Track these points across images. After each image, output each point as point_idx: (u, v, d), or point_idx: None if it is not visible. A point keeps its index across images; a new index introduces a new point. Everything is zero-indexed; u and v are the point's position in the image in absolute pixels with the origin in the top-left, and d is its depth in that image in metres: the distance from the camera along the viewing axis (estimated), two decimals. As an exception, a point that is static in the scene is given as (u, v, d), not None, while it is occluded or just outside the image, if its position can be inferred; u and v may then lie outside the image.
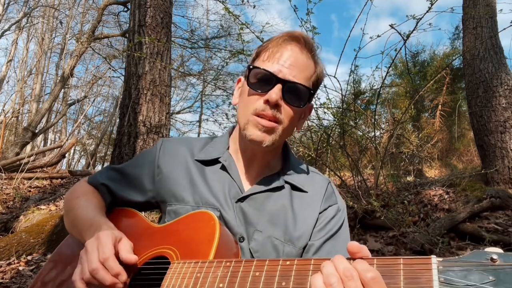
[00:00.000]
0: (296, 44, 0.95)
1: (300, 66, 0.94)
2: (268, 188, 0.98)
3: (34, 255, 3.54)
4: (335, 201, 1.03)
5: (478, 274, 0.55)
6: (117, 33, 11.05)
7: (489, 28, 5.42)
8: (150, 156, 1.08)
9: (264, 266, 0.70)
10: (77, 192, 1.08)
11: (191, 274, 0.77)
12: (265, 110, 0.91)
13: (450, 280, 0.56)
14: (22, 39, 17.83)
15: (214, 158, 1.02)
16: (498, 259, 0.55)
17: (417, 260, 0.59)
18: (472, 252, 0.58)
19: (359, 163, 4.59)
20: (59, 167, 8.55)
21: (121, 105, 5.10)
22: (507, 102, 5.05)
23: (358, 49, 3.56)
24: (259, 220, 0.95)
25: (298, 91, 0.93)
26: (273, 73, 0.91)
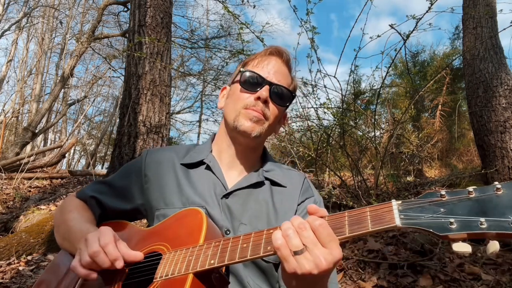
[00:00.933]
0: (279, 57, 1.13)
1: (282, 74, 1.12)
2: (250, 184, 1.08)
3: (34, 255, 3.54)
4: (311, 194, 1.14)
5: (431, 209, 0.67)
6: (117, 33, 11.05)
7: (489, 28, 5.42)
8: (136, 166, 1.15)
9: (250, 238, 0.78)
10: (68, 207, 1.13)
11: (184, 258, 0.82)
12: (256, 106, 1.06)
13: (409, 216, 0.68)
14: (22, 39, 17.84)
15: (198, 161, 1.11)
16: (446, 195, 0.68)
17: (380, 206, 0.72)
18: (425, 193, 0.70)
19: (359, 163, 4.59)
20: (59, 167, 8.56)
21: (121, 105, 5.10)
22: (507, 102, 5.05)
23: (358, 49, 3.56)
24: (243, 214, 1.03)
25: (282, 93, 1.10)
26: (262, 76, 1.08)
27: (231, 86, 1.16)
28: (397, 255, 2.93)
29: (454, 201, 0.66)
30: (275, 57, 1.13)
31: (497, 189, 0.64)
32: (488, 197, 0.64)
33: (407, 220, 0.67)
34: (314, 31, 3.49)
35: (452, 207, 0.66)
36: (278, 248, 0.71)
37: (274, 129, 1.16)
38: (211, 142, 1.20)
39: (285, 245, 0.70)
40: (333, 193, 4.08)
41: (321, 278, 0.71)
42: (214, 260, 0.78)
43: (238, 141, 1.10)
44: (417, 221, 0.66)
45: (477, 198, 0.65)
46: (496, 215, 0.61)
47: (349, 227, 0.72)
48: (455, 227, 0.63)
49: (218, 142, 1.17)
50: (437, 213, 0.66)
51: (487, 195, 0.64)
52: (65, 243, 1.05)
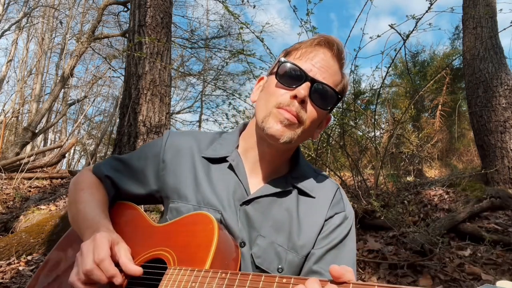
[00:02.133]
0: (329, 49, 0.94)
1: (330, 70, 0.93)
2: (274, 192, 0.95)
3: (34, 255, 3.54)
4: (342, 208, 1.00)
5: None
6: (117, 33, 11.05)
7: (489, 28, 5.42)
8: (155, 149, 1.05)
9: (260, 282, 0.69)
10: (81, 184, 1.06)
11: (186, 283, 0.76)
12: (290, 106, 0.89)
13: None
14: (22, 39, 17.83)
15: (221, 157, 0.99)
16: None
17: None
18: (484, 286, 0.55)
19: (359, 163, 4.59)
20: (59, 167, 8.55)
21: (121, 105, 5.10)
22: (507, 102, 5.05)
23: (358, 49, 3.56)
24: (262, 225, 0.93)
25: (326, 93, 0.92)
26: (304, 70, 0.90)
27: (268, 78, 0.99)
28: (397, 255, 2.93)
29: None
30: (323, 49, 0.93)
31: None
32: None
33: None
34: (314, 31, 3.48)
35: None
36: None
37: (311, 134, 0.98)
38: (238, 134, 1.05)
39: None
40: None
41: None
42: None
43: (267, 144, 0.96)
44: None
45: None
46: None
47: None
48: None
49: (246, 137, 1.02)
50: None
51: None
52: (74, 225, 1.00)
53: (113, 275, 0.78)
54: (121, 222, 1.00)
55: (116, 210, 1.05)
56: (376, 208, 3.44)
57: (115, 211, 1.05)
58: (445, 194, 4.71)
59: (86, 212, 0.95)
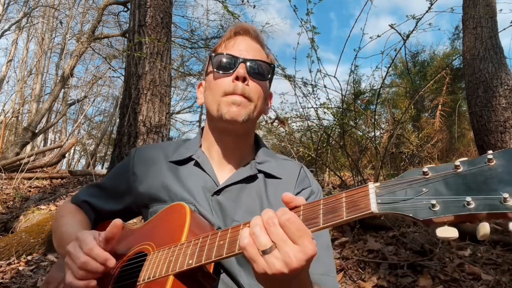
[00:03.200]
0: (246, 35, 1.06)
1: (255, 49, 1.05)
2: (242, 179, 1.02)
3: (34, 255, 3.54)
4: (308, 184, 1.07)
5: (413, 189, 0.58)
6: (117, 33, 11.05)
7: (489, 28, 5.42)
8: (124, 166, 1.13)
9: (227, 234, 0.74)
10: (62, 212, 1.13)
11: (165, 259, 0.81)
12: (235, 89, 0.98)
13: (387, 200, 0.59)
14: (22, 39, 17.84)
15: (187, 157, 1.06)
16: (429, 172, 0.58)
17: (357, 190, 0.64)
18: (406, 172, 0.61)
19: (359, 163, 4.59)
20: (59, 167, 8.56)
21: (121, 105, 5.10)
22: (507, 102, 5.05)
23: (358, 49, 3.56)
24: (235, 211, 0.98)
25: (260, 67, 1.02)
26: (234, 54, 1.00)
27: (206, 78, 1.08)
28: (397, 255, 2.93)
29: (438, 179, 0.57)
30: (242, 36, 1.05)
31: (488, 160, 0.54)
32: (478, 170, 0.54)
33: (384, 205, 0.59)
34: (314, 31, 3.48)
35: (436, 186, 0.56)
36: (245, 248, 0.65)
37: (262, 110, 1.07)
38: (200, 137, 1.14)
39: (252, 244, 0.65)
40: (333, 193, 4.08)
41: (294, 276, 0.65)
42: (192, 260, 0.75)
43: (227, 131, 1.03)
44: (396, 205, 0.58)
45: (465, 173, 0.55)
46: (486, 192, 0.52)
47: (324, 217, 0.65)
48: (438, 210, 0.54)
49: (206, 137, 1.10)
50: (419, 194, 0.57)
51: (477, 168, 0.54)
52: (60, 249, 1.03)
53: (106, 258, 0.81)
54: None
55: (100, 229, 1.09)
56: (376, 208, 3.43)
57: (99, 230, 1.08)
58: (445, 194, 4.70)
59: (69, 231, 1.01)
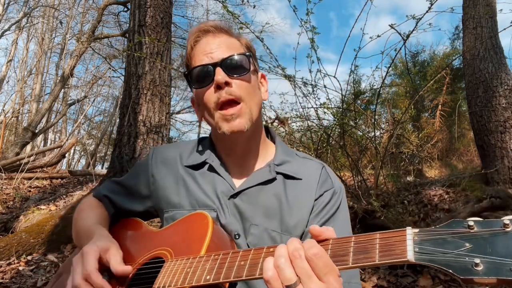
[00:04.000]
0: (206, 34, 0.99)
1: (222, 45, 0.97)
2: (259, 182, 0.99)
3: (34, 255, 3.54)
4: (330, 185, 1.02)
5: (454, 242, 0.54)
6: (117, 33, 11.05)
7: (489, 28, 5.41)
8: (144, 166, 1.12)
9: (249, 255, 0.72)
10: (82, 205, 1.14)
11: (182, 270, 0.79)
12: (220, 96, 0.92)
13: (425, 250, 0.55)
14: (22, 39, 17.84)
15: (201, 162, 1.04)
16: (475, 226, 0.54)
17: (393, 233, 0.60)
18: (450, 221, 0.57)
19: (359, 163, 4.59)
20: (59, 167, 8.55)
21: (121, 105, 5.09)
22: (507, 102, 5.05)
23: (358, 49, 3.56)
24: (254, 214, 0.96)
25: (235, 61, 0.95)
26: (204, 63, 0.95)
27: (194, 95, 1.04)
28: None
29: (485, 235, 0.53)
30: (202, 39, 0.99)
31: None
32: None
33: (422, 255, 0.55)
34: (314, 31, 3.48)
35: (480, 243, 0.52)
36: (268, 281, 0.62)
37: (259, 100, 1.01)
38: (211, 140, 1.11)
39: (276, 278, 0.61)
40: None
41: None
42: (210, 276, 0.73)
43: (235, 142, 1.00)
44: (434, 257, 0.54)
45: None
46: None
47: (354, 256, 0.61)
48: (481, 270, 0.50)
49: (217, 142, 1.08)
50: (461, 248, 0.53)
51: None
52: (77, 243, 1.04)
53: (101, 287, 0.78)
54: (122, 233, 1.06)
55: (119, 225, 1.12)
56: (376, 208, 3.44)
57: (118, 225, 1.11)
58: (445, 194, 4.70)
59: (84, 225, 1.01)
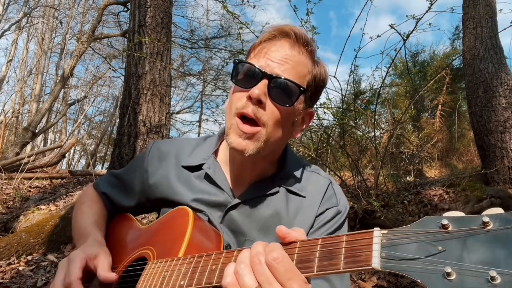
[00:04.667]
0: (286, 39, 0.86)
1: (290, 61, 0.84)
2: (260, 195, 0.93)
3: (34, 255, 3.53)
4: (335, 203, 0.95)
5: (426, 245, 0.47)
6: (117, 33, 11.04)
7: (489, 28, 5.41)
8: (140, 160, 1.08)
9: (220, 259, 0.69)
10: (83, 198, 1.12)
11: (160, 273, 0.78)
12: (246, 108, 0.82)
13: (394, 255, 0.48)
14: (22, 39, 17.84)
15: (198, 165, 0.97)
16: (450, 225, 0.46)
17: (360, 235, 0.53)
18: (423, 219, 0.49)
19: (359, 163, 4.59)
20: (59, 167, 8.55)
21: (121, 105, 5.10)
22: (507, 102, 5.04)
23: (358, 49, 3.56)
24: (250, 229, 0.91)
25: (287, 88, 0.83)
26: (259, 67, 0.83)
27: None
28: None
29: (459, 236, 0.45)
30: (279, 41, 0.86)
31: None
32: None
33: (390, 261, 0.48)
34: (314, 31, 3.48)
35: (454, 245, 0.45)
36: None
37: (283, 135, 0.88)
38: (218, 138, 1.02)
39: (234, 284, 0.57)
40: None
41: None
42: (184, 282, 0.71)
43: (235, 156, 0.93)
44: (403, 264, 0.47)
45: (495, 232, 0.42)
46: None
47: (319, 262, 0.55)
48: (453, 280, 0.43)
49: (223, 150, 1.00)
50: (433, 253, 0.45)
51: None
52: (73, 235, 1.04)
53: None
54: (116, 231, 1.07)
55: (114, 222, 1.12)
56: (376, 208, 3.44)
57: (114, 222, 1.12)
58: (445, 194, 4.70)
59: (80, 223, 1.01)
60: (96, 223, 1.00)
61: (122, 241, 1.01)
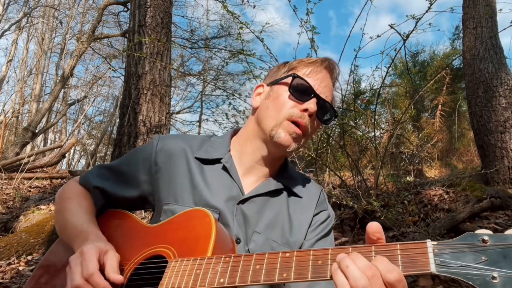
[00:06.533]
0: (330, 72, 1.06)
1: (329, 90, 1.05)
2: (268, 191, 1.02)
3: (34, 255, 3.54)
4: (326, 207, 1.10)
5: (471, 255, 0.59)
6: (117, 33, 11.05)
7: (489, 28, 5.41)
8: (145, 152, 1.07)
9: (264, 260, 0.72)
10: (68, 193, 1.07)
11: (191, 271, 0.77)
12: (301, 118, 0.98)
13: (446, 262, 0.59)
14: (22, 39, 17.84)
15: (215, 158, 1.03)
16: (489, 240, 0.59)
17: (413, 245, 0.63)
18: (464, 235, 0.61)
19: (359, 163, 4.59)
20: (59, 167, 8.56)
21: (121, 105, 5.10)
22: (507, 102, 5.04)
23: (358, 49, 3.55)
24: (258, 222, 0.98)
25: (328, 109, 1.03)
26: (313, 87, 1.00)
27: (274, 87, 1.05)
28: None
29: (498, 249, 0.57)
30: (327, 70, 1.05)
31: None
32: None
33: (444, 267, 0.59)
34: (314, 31, 3.48)
35: (495, 256, 0.57)
36: None
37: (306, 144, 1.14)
38: (230, 138, 1.10)
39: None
40: (333, 193, 4.08)
41: None
42: (223, 279, 0.73)
43: (268, 150, 1.03)
44: (455, 270, 0.58)
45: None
46: None
47: None
48: (497, 283, 0.55)
49: (241, 142, 1.07)
50: (478, 261, 0.58)
51: None
52: (62, 234, 1.00)
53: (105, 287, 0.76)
54: (113, 227, 1.01)
55: (107, 218, 1.06)
56: (376, 208, 3.44)
57: (106, 218, 1.05)
58: (445, 194, 4.70)
59: (73, 220, 0.96)
60: (92, 220, 0.98)
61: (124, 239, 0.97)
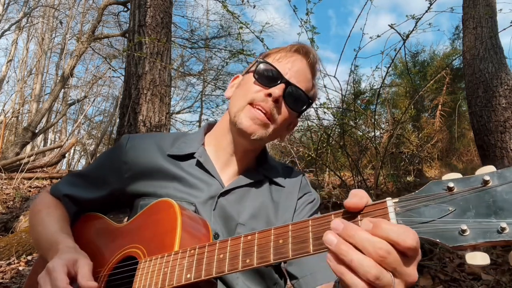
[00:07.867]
0: (305, 58, 1.00)
1: (304, 76, 0.99)
2: (248, 182, 1.01)
3: (34, 255, 3.54)
4: (309, 190, 1.08)
5: (437, 208, 0.51)
6: (117, 33, 11.05)
7: (489, 28, 5.41)
8: (114, 153, 1.06)
9: (227, 247, 0.69)
10: (38, 205, 1.05)
11: (159, 270, 0.75)
12: (264, 102, 0.94)
13: (409, 220, 0.52)
14: (22, 39, 17.85)
15: (188, 153, 1.01)
16: (455, 187, 0.51)
17: (373, 206, 0.55)
18: (428, 184, 0.53)
19: (359, 163, 4.59)
20: (59, 167, 8.56)
21: (121, 105, 5.10)
22: (507, 102, 5.04)
23: (358, 49, 3.56)
24: (241, 214, 0.96)
25: (299, 96, 0.98)
26: (281, 72, 0.95)
27: (244, 76, 1.04)
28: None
29: (465, 195, 0.49)
30: (300, 56, 1.00)
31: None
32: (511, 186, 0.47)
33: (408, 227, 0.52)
34: (314, 31, 3.48)
35: (462, 204, 0.49)
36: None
37: (280, 135, 1.05)
38: (203, 133, 1.08)
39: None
40: (333, 193, 4.08)
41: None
42: (190, 275, 0.70)
43: (239, 141, 0.99)
44: (420, 228, 0.51)
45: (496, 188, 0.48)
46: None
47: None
48: (468, 235, 0.48)
49: (217, 136, 1.05)
50: (445, 214, 0.50)
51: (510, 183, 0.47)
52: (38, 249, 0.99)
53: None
54: (87, 233, 1.00)
55: (81, 223, 1.05)
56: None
57: (80, 224, 1.04)
58: (445, 194, 4.69)
59: (44, 233, 0.94)
60: (62, 229, 0.95)
61: (99, 243, 0.95)
